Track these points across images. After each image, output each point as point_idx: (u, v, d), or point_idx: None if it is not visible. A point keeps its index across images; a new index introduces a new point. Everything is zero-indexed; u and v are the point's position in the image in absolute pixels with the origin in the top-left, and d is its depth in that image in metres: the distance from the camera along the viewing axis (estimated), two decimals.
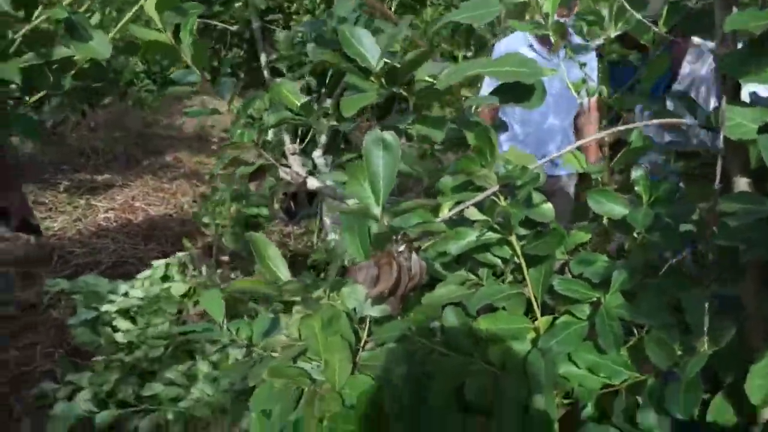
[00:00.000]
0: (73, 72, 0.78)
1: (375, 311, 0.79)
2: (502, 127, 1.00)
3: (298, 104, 0.95)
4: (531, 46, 2.54)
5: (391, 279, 0.76)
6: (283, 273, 0.82)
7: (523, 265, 0.89)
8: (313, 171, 2.46)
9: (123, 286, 2.95)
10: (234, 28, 2.82)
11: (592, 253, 0.98)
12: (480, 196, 0.82)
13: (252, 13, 2.72)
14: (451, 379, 0.86)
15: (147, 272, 2.58)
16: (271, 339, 0.87)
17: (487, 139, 0.85)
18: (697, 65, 2.04)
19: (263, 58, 1.10)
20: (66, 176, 5.13)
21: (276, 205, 4.46)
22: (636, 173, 0.95)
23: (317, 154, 3.34)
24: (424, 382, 0.86)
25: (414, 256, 0.79)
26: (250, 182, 2.68)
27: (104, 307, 2.80)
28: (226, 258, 2.89)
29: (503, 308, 0.93)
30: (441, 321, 0.89)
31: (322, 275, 3.15)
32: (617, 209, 0.96)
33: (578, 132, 2.74)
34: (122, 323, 2.67)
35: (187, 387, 2.16)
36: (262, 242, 0.83)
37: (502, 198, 0.86)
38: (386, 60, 0.74)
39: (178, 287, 2.48)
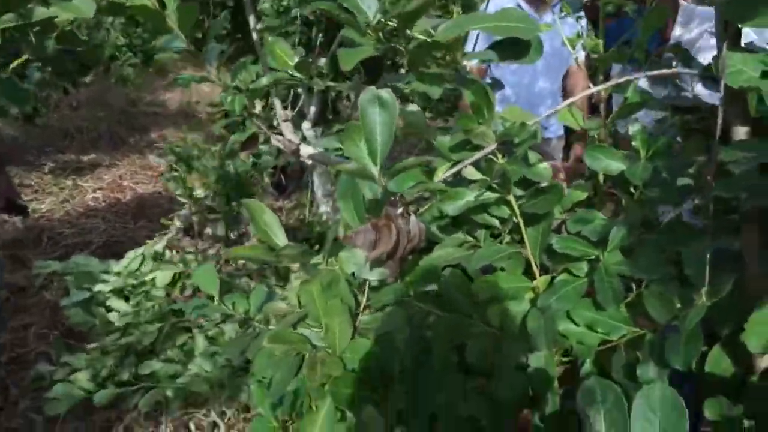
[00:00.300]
0: (55, 35, 0.74)
1: (374, 275, 0.78)
2: (497, 85, 0.98)
3: (292, 64, 0.92)
4: (518, 5, 2.50)
5: (390, 242, 0.74)
6: (281, 239, 0.80)
7: (522, 224, 0.88)
8: (303, 141, 2.42)
9: (115, 266, 2.93)
10: None
11: (589, 210, 0.97)
12: (478, 155, 0.81)
13: None
14: (450, 341, 0.86)
15: (124, 262, 2.52)
16: (270, 306, 0.86)
17: (484, 96, 0.83)
18: (687, 28, 2.00)
19: (252, 21, 1.07)
20: (50, 158, 5.06)
21: (266, 180, 4.42)
22: (633, 128, 0.94)
23: (306, 125, 3.30)
24: (424, 344, 0.85)
25: (412, 218, 0.78)
26: (242, 151, 2.63)
27: (97, 287, 2.77)
28: (208, 231, 2.83)
29: (501, 269, 0.92)
30: (439, 283, 0.88)
31: (317, 248, 3.14)
32: (615, 164, 0.95)
33: (566, 94, 2.72)
34: (116, 303, 2.65)
35: (185, 363, 2.17)
36: (257, 207, 0.81)
37: (500, 156, 0.84)
38: (382, 15, 0.72)
39: (162, 277, 2.44)
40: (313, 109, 3.40)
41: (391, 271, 0.80)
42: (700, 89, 1.20)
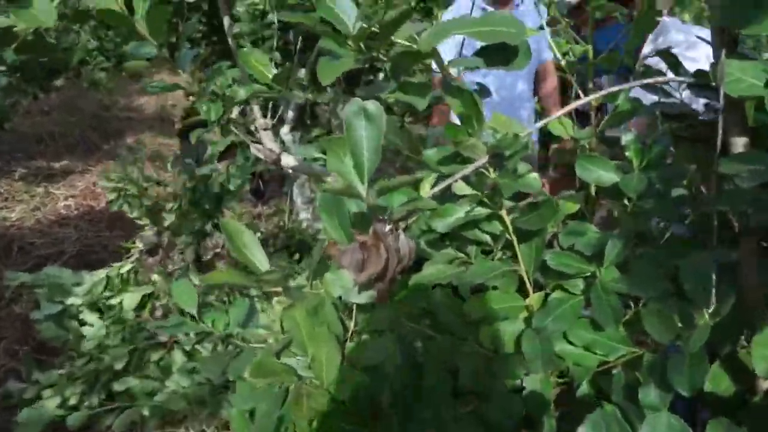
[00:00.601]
0: (15, 45, 0.69)
1: (362, 298, 0.74)
2: (485, 92, 0.94)
3: (270, 75, 0.87)
4: (483, 9, 2.46)
5: (379, 263, 0.70)
6: (261, 261, 0.75)
7: (514, 240, 0.84)
8: (282, 148, 2.34)
9: (88, 277, 2.83)
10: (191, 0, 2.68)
11: (581, 223, 0.94)
12: (469, 168, 0.77)
13: None
14: (443, 363, 0.82)
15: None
16: (252, 333, 0.81)
17: (473, 105, 0.79)
18: (656, 43, 1.95)
19: (227, 22, 1.01)
20: (21, 164, 4.91)
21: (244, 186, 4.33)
22: (626, 137, 0.91)
23: (285, 130, 3.23)
24: (415, 369, 0.81)
25: (402, 235, 0.73)
26: (220, 162, 2.53)
27: (69, 300, 2.67)
28: (177, 252, 2.71)
29: (494, 287, 0.88)
30: (430, 304, 0.84)
31: (296, 256, 3.07)
32: (607, 175, 0.92)
33: (541, 98, 2.70)
34: (89, 316, 2.56)
35: (162, 380, 2.09)
36: (235, 228, 0.76)
37: (491, 169, 0.81)
38: (363, 23, 0.67)
39: (130, 300, 2.35)
40: (291, 114, 3.33)
41: (380, 294, 0.75)
42: (687, 96, 1.17)
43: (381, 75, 3.54)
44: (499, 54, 0.90)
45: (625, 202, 0.95)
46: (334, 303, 0.77)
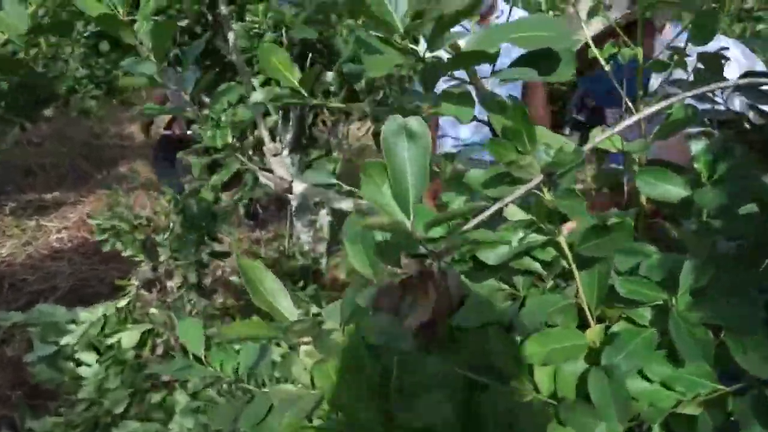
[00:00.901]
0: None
1: (407, 346, 0.62)
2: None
3: (294, 78, 0.74)
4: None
5: (428, 306, 0.59)
6: (288, 309, 0.64)
7: (574, 269, 0.73)
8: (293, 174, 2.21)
9: (84, 314, 2.70)
10: (183, 23, 2.59)
11: (641, 243, 0.83)
12: (522, 189, 0.66)
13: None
14: (503, 417, 0.70)
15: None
16: (276, 391, 0.69)
17: (522, 119, 0.68)
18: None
19: (232, 38, 0.90)
20: (11, 197, 4.78)
21: (240, 210, 4.21)
22: (696, 147, 0.80)
23: (283, 153, 3.13)
24: (470, 423, 0.69)
25: (451, 272, 0.62)
26: (224, 192, 2.42)
27: (64, 340, 2.54)
28: (176, 283, 2.57)
29: (550, 324, 0.77)
30: (482, 348, 0.72)
31: (301, 284, 2.95)
32: (675, 191, 0.81)
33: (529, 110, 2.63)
34: (86, 356, 2.43)
35: (164, 422, 1.96)
36: (255, 272, 0.64)
37: (545, 190, 0.70)
38: (411, 18, 0.57)
39: (128, 338, 2.23)
40: (288, 136, 3.24)
41: (427, 340, 0.64)
42: (739, 102, 1.08)
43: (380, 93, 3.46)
44: (540, 61, 0.80)
45: (692, 219, 0.84)
46: (374, 353, 0.66)
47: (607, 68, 0.93)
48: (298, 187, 0.98)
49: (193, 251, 2.34)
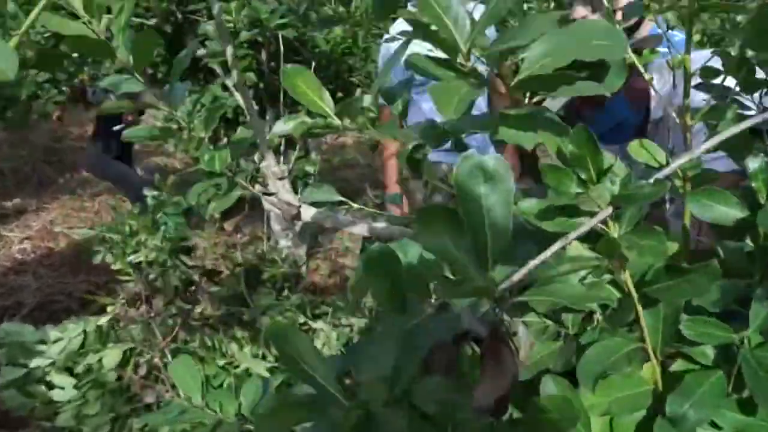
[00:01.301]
0: None
1: (470, 418, 0.53)
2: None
3: (328, 106, 0.63)
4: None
5: (504, 375, 0.49)
6: (322, 373, 0.55)
7: (639, 310, 0.65)
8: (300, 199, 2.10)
9: (54, 333, 2.54)
10: (151, 22, 2.43)
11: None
12: (588, 225, 0.57)
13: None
14: None
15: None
16: None
17: (588, 143, 0.60)
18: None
19: (229, 51, 0.79)
20: None
21: (216, 215, 4.06)
22: (753, 164, 0.73)
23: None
24: None
25: (521, 329, 0.53)
26: (225, 222, 2.29)
27: (34, 362, 2.38)
28: (161, 302, 2.44)
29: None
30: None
31: (285, 293, 2.83)
32: (731, 212, 0.74)
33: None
34: (58, 378, 2.28)
35: None
36: (285, 333, 0.55)
37: (611, 224, 0.62)
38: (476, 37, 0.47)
39: (110, 357, 2.09)
40: (283, 161, 3.12)
41: (497, 407, 0.55)
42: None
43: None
44: (591, 71, 0.71)
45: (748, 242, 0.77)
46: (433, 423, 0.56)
47: (647, 77, 0.86)
48: (307, 213, 0.88)
49: (172, 270, 2.22)
